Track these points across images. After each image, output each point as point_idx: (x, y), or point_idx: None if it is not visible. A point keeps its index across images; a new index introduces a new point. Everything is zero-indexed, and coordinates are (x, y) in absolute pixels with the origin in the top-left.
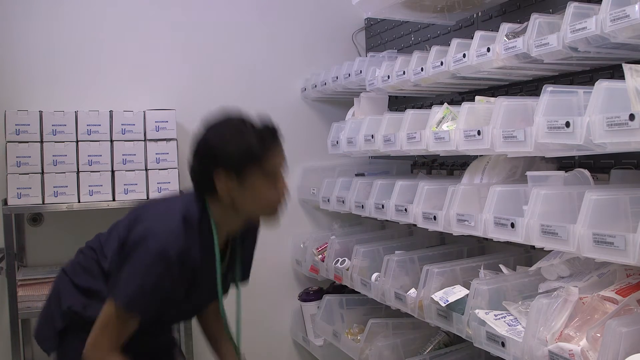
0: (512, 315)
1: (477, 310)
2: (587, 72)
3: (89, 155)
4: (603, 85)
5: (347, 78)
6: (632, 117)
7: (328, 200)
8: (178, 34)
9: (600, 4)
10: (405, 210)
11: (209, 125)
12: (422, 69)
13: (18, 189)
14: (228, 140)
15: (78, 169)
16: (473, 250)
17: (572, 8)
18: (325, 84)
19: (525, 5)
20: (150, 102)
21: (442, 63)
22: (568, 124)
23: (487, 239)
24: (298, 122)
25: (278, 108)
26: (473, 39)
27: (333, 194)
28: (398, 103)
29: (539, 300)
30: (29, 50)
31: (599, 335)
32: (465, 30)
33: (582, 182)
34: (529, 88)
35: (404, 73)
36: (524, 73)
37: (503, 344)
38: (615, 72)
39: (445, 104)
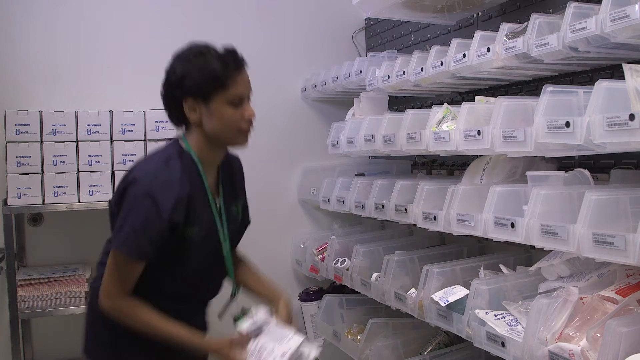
0: (512, 315)
1: (477, 310)
2: (587, 72)
3: (89, 155)
4: (603, 85)
5: (347, 78)
6: (632, 117)
7: (328, 200)
8: (178, 34)
9: (600, 4)
10: (405, 210)
11: (175, 55)
12: (422, 69)
13: (18, 189)
14: (192, 68)
15: (78, 169)
16: (473, 250)
17: (572, 8)
18: (325, 84)
19: (525, 5)
20: (150, 102)
21: (442, 63)
22: (568, 124)
23: (487, 239)
24: (298, 122)
25: (278, 108)
26: (473, 39)
27: (333, 194)
28: (398, 103)
29: (539, 300)
30: (29, 50)
31: (599, 335)
32: (465, 30)
33: (582, 182)
34: (529, 88)
35: (404, 73)
36: (524, 73)
37: (503, 344)
38: (615, 72)
39: (445, 104)
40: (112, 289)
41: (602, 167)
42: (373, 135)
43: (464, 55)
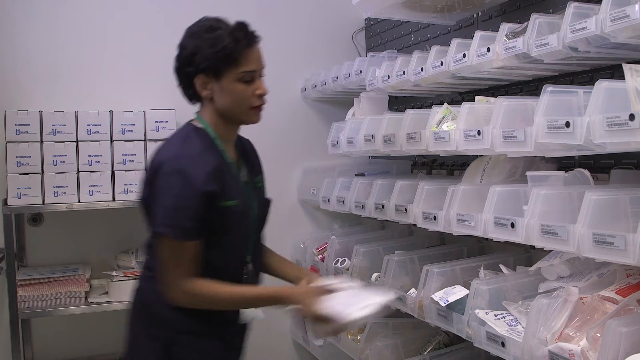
0: (512, 315)
1: (477, 310)
2: (587, 72)
3: (89, 155)
4: (603, 85)
5: (347, 78)
6: (632, 117)
7: (328, 200)
8: (178, 34)
9: (600, 4)
10: (405, 210)
11: (187, 30)
12: (422, 69)
13: (18, 189)
14: (203, 44)
15: (78, 169)
16: (473, 250)
17: (572, 8)
18: (325, 84)
19: (525, 5)
20: (150, 102)
21: (442, 63)
22: (568, 124)
23: (487, 239)
24: (298, 122)
25: (278, 108)
26: (473, 39)
27: (333, 194)
28: (398, 103)
29: (539, 300)
30: (30, 50)
31: (599, 335)
32: (465, 30)
33: (582, 182)
34: (529, 88)
35: (404, 73)
36: (524, 73)
37: (503, 344)
38: (615, 72)
39: (445, 104)
40: (169, 279)
41: (602, 167)
42: (373, 135)
43: (464, 55)
